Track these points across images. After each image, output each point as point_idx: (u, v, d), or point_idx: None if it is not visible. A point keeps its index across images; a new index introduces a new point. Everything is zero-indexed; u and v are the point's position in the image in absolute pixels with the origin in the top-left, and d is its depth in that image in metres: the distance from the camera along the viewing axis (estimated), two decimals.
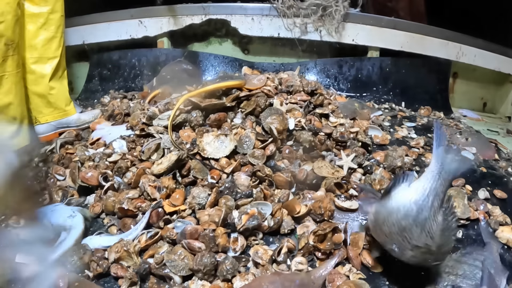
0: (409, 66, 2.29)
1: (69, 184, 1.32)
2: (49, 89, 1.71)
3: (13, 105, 1.50)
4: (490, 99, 2.62)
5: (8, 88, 1.47)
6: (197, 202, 1.14)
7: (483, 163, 1.58)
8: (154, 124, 1.48)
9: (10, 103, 1.48)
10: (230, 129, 1.40)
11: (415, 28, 2.28)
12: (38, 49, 1.65)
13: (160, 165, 1.25)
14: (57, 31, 1.68)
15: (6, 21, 1.41)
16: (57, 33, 1.69)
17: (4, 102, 1.47)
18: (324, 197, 1.19)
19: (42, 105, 1.71)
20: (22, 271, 0.95)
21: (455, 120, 2.08)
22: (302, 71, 2.25)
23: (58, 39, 1.70)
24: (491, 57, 2.42)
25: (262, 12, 2.28)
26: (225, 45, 2.47)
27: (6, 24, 1.41)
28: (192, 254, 1.00)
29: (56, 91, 1.73)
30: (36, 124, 1.73)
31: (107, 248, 1.04)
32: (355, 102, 1.89)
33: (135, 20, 2.35)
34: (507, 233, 1.16)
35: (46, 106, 1.72)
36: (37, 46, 1.64)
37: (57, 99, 1.74)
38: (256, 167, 1.24)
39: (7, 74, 1.46)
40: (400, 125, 1.87)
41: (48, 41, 1.67)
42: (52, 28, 1.66)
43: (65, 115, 1.76)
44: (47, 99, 1.71)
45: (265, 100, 1.49)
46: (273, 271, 0.98)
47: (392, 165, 1.39)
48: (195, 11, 2.32)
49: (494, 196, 1.36)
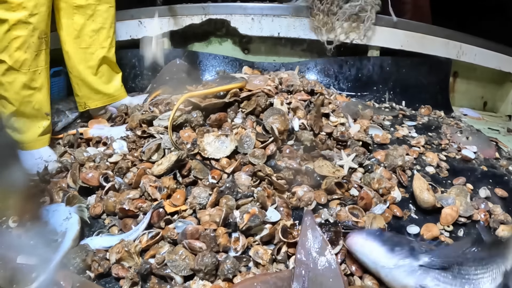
0: (409, 65, 2.29)
1: (70, 185, 1.32)
2: (99, 78, 1.74)
3: (45, 101, 1.48)
4: (490, 98, 2.62)
5: (41, 83, 1.45)
6: (198, 202, 1.14)
7: (483, 162, 1.58)
8: (155, 124, 1.48)
9: (42, 99, 1.47)
10: (231, 129, 1.40)
11: (415, 27, 2.28)
12: (86, 40, 1.67)
13: (160, 165, 1.25)
14: (105, 22, 1.70)
15: (40, 14, 1.38)
16: (105, 24, 1.70)
17: (38, 98, 1.45)
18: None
19: (92, 92, 1.74)
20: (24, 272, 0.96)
21: (456, 119, 2.08)
22: (303, 71, 2.25)
23: (106, 30, 1.71)
24: (492, 56, 2.41)
25: (262, 11, 2.28)
26: (225, 45, 2.47)
27: (40, 17, 1.38)
28: (193, 254, 1.00)
29: (106, 78, 1.77)
30: (86, 109, 1.77)
31: (108, 249, 1.04)
32: (359, 103, 1.89)
33: (135, 20, 2.35)
34: (508, 231, 1.16)
35: (96, 93, 1.75)
36: (85, 37, 1.66)
37: (108, 87, 1.78)
38: (256, 166, 1.24)
39: (40, 68, 1.44)
40: (401, 124, 1.87)
41: (96, 32, 1.68)
42: (99, 20, 1.68)
43: (115, 99, 1.81)
44: (97, 87, 1.74)
45: (266, 99, 1.49)
46: (273, 271, 0.98)
47: (392, 164, 1.40)
48: (195, 11, 2.32)
49: (495, 195, 1.36)
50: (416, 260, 0.91)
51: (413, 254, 0.92)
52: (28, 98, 1.42)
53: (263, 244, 1.07)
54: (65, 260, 0.99)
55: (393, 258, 0.92)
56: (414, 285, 0.88)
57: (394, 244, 0.95)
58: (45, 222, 1.14)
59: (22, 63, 1.37)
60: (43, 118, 1.48)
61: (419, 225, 1.18)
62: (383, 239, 0.97)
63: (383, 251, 0.94)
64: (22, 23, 1.34)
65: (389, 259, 0.92)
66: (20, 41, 1.35)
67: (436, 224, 1.19)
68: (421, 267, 0.89)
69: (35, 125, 1.47)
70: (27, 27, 1.36)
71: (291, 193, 1.23)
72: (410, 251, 0.93)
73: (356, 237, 0.99)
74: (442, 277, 0.88)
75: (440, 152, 1.61)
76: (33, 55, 1.40)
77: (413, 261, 0.91)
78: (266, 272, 0.98)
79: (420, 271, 0.89)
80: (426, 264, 0.90)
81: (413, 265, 0.90)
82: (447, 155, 1.59)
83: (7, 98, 1.39)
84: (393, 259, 0.92)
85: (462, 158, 1.57)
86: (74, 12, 1.61)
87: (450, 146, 1.66)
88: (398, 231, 1.16)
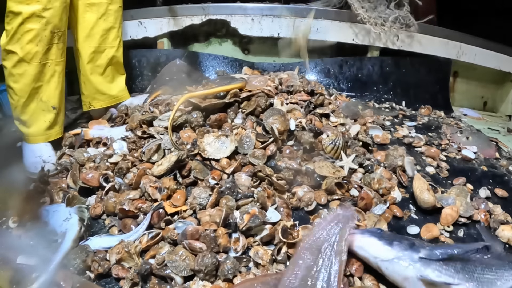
0: (409, 65, 2.29)
1: (70, 185, 1.32)
2: (105, 78, 1.75)
3: (54, 96, 1.49)
4: (490, 98, 2.62)
5: (50, 76, 1.46)
6: (198, 202, 1.14)
7: (484, 162, 1.58)
8: (155, 124, 1.48)
9: (50, 91, 1.47)
10: (231, 130, 1.40)
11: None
12: (97, 39, 1.67)
13: (160, 166, 1.25)
14: (116, 21, 1.71)
15: (53, 8, 1.39)
16: (115, 24, 1.72)
17: (46, 90, 1.46)
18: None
19: (98, 92, 1.75)
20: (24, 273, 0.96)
21: (456, 119, 2.08)
22: (303, 71, 2.25)
23: (116, 30, 1.73)
24: (491, 56, 2.41)
25: (262, 12, 2.28)
26: (225, 46, 2.47)
27: (53, 11, 1.39)
28: (193, 255, 1.00)
29: (111, 79, 1.78)
30: (90, 109, 1.78)
31: (108, 249, 1.04)
32: (359, 104, 1.89)
33: (135, 21, 2.35)
34: (508, 231, 1.16)
35: (101, 93, 1.76)
36: (96, 36, 1.67)
37: (112, 87, 1.79)
38: (257, 167, 1.24)
39: (49, 62, 1.45)
40: (401, 124, 1.87)
41: (106, 31, 1.69)
42: (111, 19, 1.69)
43: (119, 100, 1.82)
44: (102, 87, 1.75)
45: (266, 100, 1.49)
46: (274, 271, 0.98)
47: (392, 164, 1.40)
48: (195, 11, 2.32)
49: (495, 195, 1.36)
50: (416, 253, 0.90)
51: (413, 248, 0.92)
52: (36, 90, 1.44)
53: (263, 245, 1.07)
54: (65, 261, 0.99)
55: (393, 250, 0.92)
56: (414, 276, 0.87)
57: (393, 239, 0.95)
58: (45, 222, 1.14)
59: (33, 55, 1.39)
60: (49, 111, 1.48)
61: (419, 226, 1.18)
62: (381, 235, 0.97)
63: (382, 245, 0.94)
64: (36, 17, 1.36)
65: (389, 252, 0.92)
66: (32, 34, 1.37)
67: (436, 225, 1.19)
68: (422, 259, 0.89)
69: (41, 119, 1.47)
70: (40, 21, 1.37)
71: (291, 193, 1.23)
72: (410, 245, 0.93)
73: (356, 234, 0.99)
74: (444, 269, 0.87)
75: (441, 152, 1.60)
76: (45, 48, 1.41)
77: (413, 253, 0.90)
78: (266, 273, 0.98)
79: (420, 262, 0.88)
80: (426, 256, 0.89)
81: (413, 257, 0.89)
82: (447, 155, 1.59)
83: (16, 89, 1.41)
84: (392, 251, 0.92)
85: (462, 158, 1.57)
86: (86, 10, 1.62)
87: (450, 146, 1.66)
88: (398, 232, 1.16)
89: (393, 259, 0.90)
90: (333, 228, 0.95)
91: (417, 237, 1.14)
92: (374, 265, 0.95)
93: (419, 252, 0.90)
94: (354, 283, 0.97)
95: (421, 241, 0.99)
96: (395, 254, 0.91)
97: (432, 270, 0.87)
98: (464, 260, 0.91)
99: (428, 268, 0.87)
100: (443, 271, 0.86)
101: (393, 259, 0.90)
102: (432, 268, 0.87)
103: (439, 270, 0.87)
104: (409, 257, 0.89)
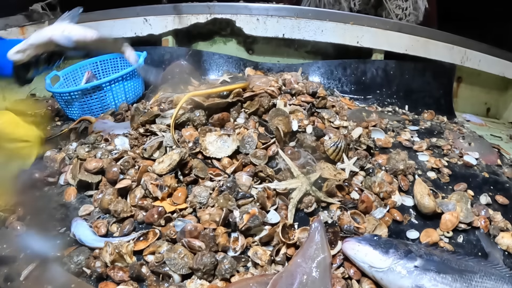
0: (413, 70, 2.28)
1: (69, 181, 1.32)
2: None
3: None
4: (493, 104, 2.62)
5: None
6: (198, 201, 1.14)
7: (485, 168, 1.57)
8: (157, 122, 1.48)
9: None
10: (233, 129, 1.40)
11: (420, 31, 2.27)
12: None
13: (161, 163, 1.25)
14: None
15: None
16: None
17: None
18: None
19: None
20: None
21: (459, 125, 2.08)
22: (307, 73, 2.25)
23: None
24: (496, 62, 2.41)
25: (267, 12, 2.28)
26: (229, 45, 2.47)
27: None
28: (192, 253, 1.00)
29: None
30: None
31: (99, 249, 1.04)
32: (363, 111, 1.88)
33: (140, 18, 2.36)
34: (508, 239, 1.16)
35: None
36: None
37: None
38: (258, 167, 1.24)
39: None
40: (403, 129, 1.86)
41: None
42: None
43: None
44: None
45: (269, 100, 1.49)
46: (272, 272, 0.98)
47: (394, 168, 1.39)
48: (200, 10, 2.32)
49: (495, 202, 1.36)
50: (412, 261, 0.90)
51: (409, 256, 0.91)
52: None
53: (262, 245, 1.07)
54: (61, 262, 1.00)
55: (387, 259, 0.91)
56: (410, 285, 0.87)
57: (389, 247, 0.95)
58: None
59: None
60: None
61: (419, 230, 1.18)
62: (378, 243, 0.96)
63: (377, 254, 0.93)
64: None
65: (383, 261, 0.91)
66: None
67: (436, 230, 1.19)
68: (417, 268, 0.88)
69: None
70: None
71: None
72: (406, 253, 0.92)
73: (351, 242, 0.99)
74: (441, 278, 0.86)
75: (442, 157, 1.60)
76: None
77: (407, 262, 0.90)
78: (263, 274, 0.98)
79: (416, 271, 0.88)
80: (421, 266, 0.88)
81: (408, 266, 0.89)
82: (449, 161, 1.58)
83: None
84: (387, 260, 0.91)
85: (464, 164, 1.57)
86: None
87: (452, 151, 1.66)
88: (398, 236, 1.16)
89: (388, 269, 0.90)
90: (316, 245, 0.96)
91: (416, 242, 1.14)
92: (369, 274, 0.95)
93: (415, 260, 0.90)
94: (352, 286, 0.97)
95: (420, 246, 0.98)
96: (389, 264, 0.90)
97: (429, 279, 0.86)
98: (462, 268, 0.90)
99: (425, 277, 0.86)
100: (439, 280, 0.86)
101: (389, 268, 0.90)
102: (429, 277, 0.86)
103: (435, 279, 0.86)
104: (404, 266, 0.89)
